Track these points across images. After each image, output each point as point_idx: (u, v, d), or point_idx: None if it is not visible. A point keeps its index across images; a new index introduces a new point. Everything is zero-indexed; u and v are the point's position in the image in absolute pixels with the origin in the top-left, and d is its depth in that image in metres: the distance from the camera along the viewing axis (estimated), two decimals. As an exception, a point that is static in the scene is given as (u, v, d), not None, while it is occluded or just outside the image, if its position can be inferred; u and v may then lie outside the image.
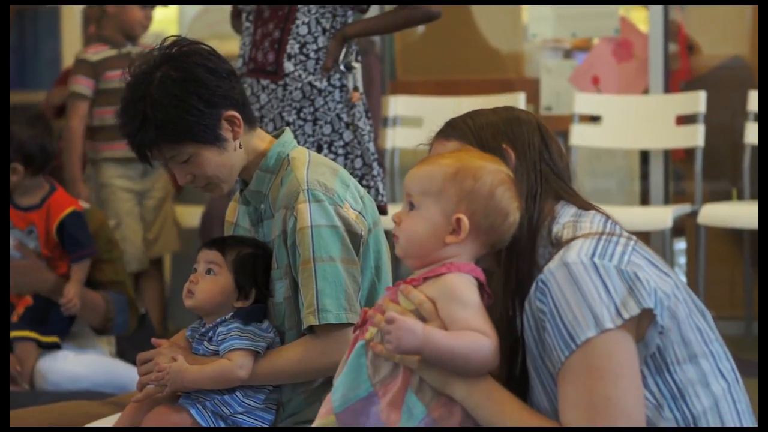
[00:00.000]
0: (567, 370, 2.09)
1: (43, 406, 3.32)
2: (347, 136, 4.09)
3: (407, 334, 2.10)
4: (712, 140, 5.69)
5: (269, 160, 2.84)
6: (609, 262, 2.11)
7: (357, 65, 4.16)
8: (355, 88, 4.14)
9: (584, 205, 2.27)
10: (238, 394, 2.79)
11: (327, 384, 2.79)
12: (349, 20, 4.13)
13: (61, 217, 4.28)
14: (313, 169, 2.80)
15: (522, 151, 2.27)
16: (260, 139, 2.87)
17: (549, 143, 2.30)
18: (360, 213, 2.79)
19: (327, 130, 4.07)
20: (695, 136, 5.62)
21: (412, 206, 2.21)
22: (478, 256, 2.21)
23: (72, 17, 5.81)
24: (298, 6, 4.06)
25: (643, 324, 2.11)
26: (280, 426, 2.84)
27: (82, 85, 5.48)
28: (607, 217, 2.26)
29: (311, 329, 2.74)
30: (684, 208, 5.62)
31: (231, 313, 2.80)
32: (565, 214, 2.24)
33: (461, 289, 2.16)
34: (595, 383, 2.07)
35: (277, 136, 2.90)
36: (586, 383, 2.07)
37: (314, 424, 2.20)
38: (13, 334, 4.24)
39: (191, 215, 6.02)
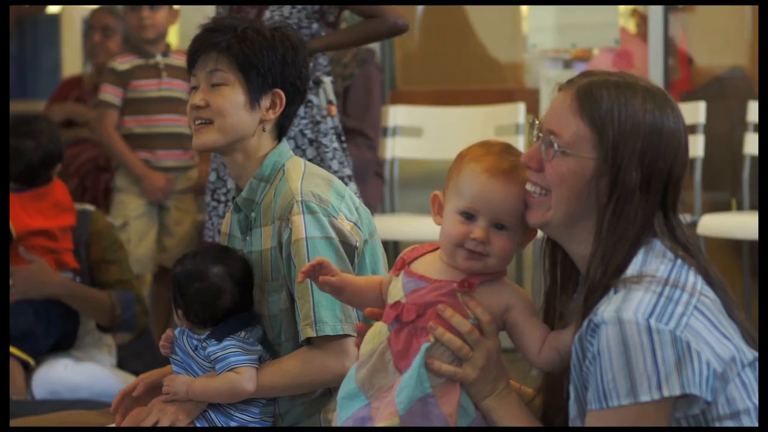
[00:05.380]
0: (592, 419, 2.09)
1: (40, 416, 3.32)
2: (310, 152, 4.08)
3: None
4: (711, 151, 5.69)
5: (265, 169, 2.84)
6: (665, 326, 2.04)
7: (326, 79, 4.14)
8: (329, 102, 4.12)
9: (674, 247, 2.18)
10: (231, 410, 2.80)
11: (326, 395, 2.80)
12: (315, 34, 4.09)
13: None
14: (307, 180, 2.81)
15: (645, 188, 2.17)
16: (269, 143, 2.88)
17: (678, 172, 2.19)
18: (355, 224, 2.80)
19: (290, 145, 4.06)
20: (695, 147, 5.61)
21: (501, 226, 2.28)
22: None
23: (72, 26, 5.80)
24: (264, 18, 4.01)
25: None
26: (282, 426, 2.84)
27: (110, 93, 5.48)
28: (677, 255, 2.18)
29: (309, 341, 2.74)
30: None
31: (207, 332, 2.80)
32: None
33: (530, 298, 2.33)
34: None
35: None
36: None
37: (378, 425, 2.25)
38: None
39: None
